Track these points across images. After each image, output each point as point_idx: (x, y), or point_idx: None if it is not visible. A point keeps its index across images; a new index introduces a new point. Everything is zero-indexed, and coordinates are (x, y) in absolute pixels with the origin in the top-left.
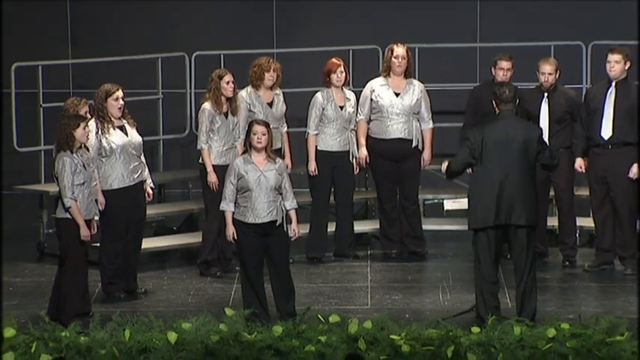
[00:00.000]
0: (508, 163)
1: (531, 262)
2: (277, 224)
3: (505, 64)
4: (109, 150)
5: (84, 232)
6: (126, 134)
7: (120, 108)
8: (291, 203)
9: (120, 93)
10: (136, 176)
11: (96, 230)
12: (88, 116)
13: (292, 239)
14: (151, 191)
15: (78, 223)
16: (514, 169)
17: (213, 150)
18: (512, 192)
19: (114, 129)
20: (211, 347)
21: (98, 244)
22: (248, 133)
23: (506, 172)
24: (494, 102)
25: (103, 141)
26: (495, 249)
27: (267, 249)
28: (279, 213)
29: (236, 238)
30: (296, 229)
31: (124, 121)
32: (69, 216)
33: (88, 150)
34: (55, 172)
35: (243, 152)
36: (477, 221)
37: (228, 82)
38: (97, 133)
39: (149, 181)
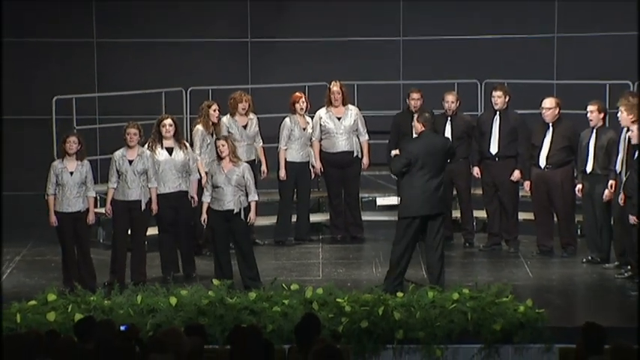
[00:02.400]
0: (432, 168)
1: (442, 242)
2: (235, 212)
3: (415, 95)
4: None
5: (50, 219)
6: (170, 154)
7: (167, 131)
8: (251, 197)
9: (168, 121)
10: (174, 186)
11: (92, 222)
12: (126, 139)
13: (248, 224)
14: (195, 198)
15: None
16: (435, 172)
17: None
18: (434, 189)
19: (161, 148)
20: (202, 308)
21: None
22: (216, 147)
23: (430, 175)
24: (420, 123)
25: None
26: (415, 234)
27: (231, 231)
28: (238, 204)
29: (207, 221)
30: (252, 217)
31: (175, 143)
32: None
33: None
34: None
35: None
36: (410, 211)
37: (215, 110)
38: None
39: (190, 191)
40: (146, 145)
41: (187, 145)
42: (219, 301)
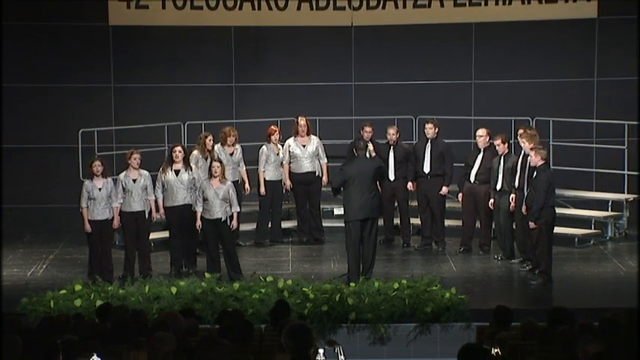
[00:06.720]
0: (365, 183)
1: (375, 240)
2: (222, 220)
3: (368, 128)
4: (163, 183)
5: (85, 227)
6: (176, 175)
7: (177, 157)
8: (234, 208)
9: (178, 148)
10: (179, 199)
11: (116, 227)
12: (131, 162)
13: (232, 229)
14: (198, 210)
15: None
16: (368, 186)
17: None
18: (368, 198)
19: (171, 170)
20: (197, 296)
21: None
22: (210, 168)
23: (364, 188)
24: (354, 149)
25: (162, 177)
26: (358, 233)
27: (219, 235)
28: (224, 214)
29: (201, 226)
30: (234, 224)
31: (182, 166)
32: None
33: (127, 184)
34: None
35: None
36: (350, 216)
37: (210, 140)
38: (161, 171)
39: (193, 205)
40: (161, 167)
41: (193, 167)
42: (210, 290)
